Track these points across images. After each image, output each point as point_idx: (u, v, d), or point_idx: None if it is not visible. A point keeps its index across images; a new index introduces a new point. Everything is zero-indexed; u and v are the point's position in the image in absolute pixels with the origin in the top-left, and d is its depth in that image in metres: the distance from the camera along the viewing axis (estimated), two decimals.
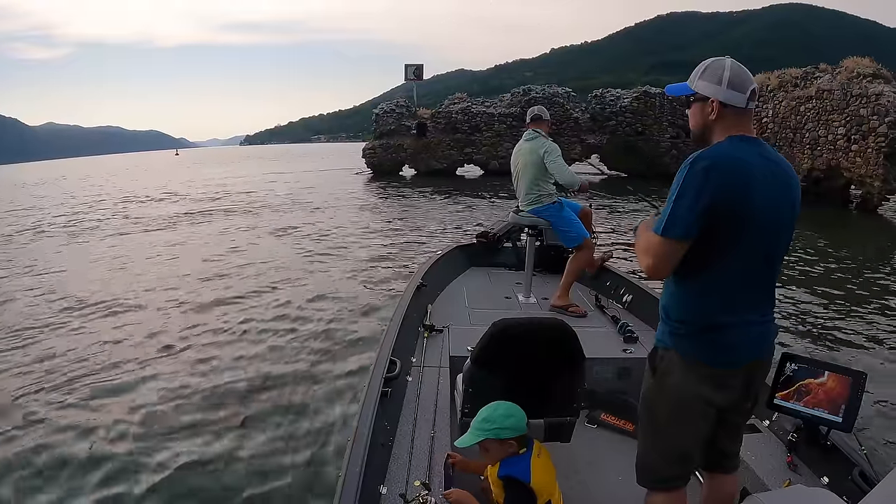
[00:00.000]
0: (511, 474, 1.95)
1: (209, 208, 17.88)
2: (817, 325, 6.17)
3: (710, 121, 1.72)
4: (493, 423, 1.95)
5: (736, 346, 1.70)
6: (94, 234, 13.67)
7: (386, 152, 28.41)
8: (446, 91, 71.03)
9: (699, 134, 1.77)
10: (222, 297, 7.48)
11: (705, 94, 1.71)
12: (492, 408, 2.00)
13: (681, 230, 1.60)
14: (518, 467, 1.95)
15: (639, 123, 26.55)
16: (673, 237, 1.61)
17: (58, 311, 7.09)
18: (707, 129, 1.74)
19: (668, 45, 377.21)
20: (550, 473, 2.01)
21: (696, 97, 1.74)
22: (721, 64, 1.71)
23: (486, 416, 1.98)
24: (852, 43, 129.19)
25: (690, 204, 1.58)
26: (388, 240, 11.71)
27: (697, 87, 1.73)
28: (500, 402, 2.03)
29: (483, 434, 1.96)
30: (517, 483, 1.93)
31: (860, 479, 2.08)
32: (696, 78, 1.74)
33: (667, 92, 1.91)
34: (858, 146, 14.51)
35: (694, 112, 1.77)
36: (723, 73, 1.69)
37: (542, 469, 1.97)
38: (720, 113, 1.70)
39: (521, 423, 1.97)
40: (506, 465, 1.97)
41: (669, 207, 1.62)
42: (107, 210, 18.94)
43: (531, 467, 1.94)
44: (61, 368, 5.20)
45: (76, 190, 30.08)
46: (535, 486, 1.92)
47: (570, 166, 4.61)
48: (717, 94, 1.69)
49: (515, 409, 2.00)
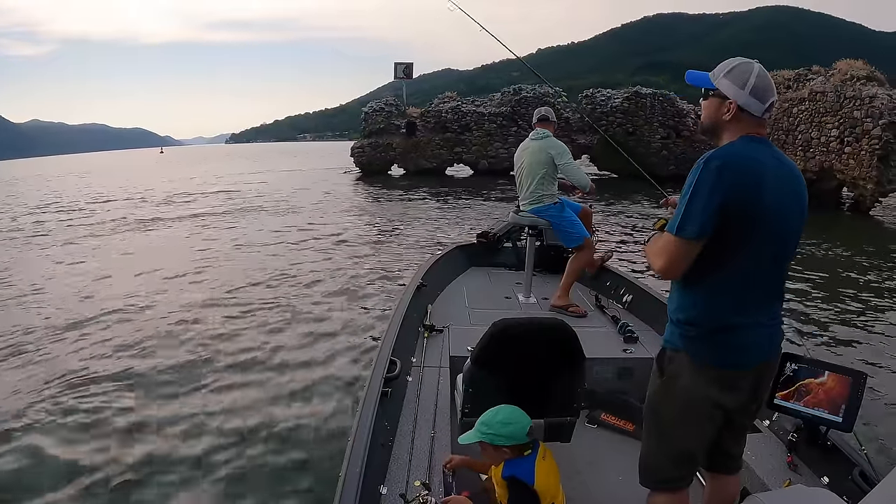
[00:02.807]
0: (515, 475, 1.94)
1: (202, 211, 17.57)
2: (817, 326, 6.22)
3: (723, 120, 1.72)
4: (490, 429, 1.95)
5: (747, 348, 1.70)
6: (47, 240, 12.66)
7: (375, 151, 28.24)
8: (433, 90, 71.01)
9: (709, 128, 1.78)
10: (220, 298, 7.42)
11: (727, 93, 1.70)
12: (493, 412, 1.99)
13: (695, 229, 1.60)
14: (522, 468, 1.94)
15: (629, 124, 26.52)
16: (687, 237, 1.61)
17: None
18: (719, 126, 1.75)
19: (655, 46, 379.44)
20: (555, 476, 2.00)
21: (716, 93, 1.74)
22: (749, 68, 1.70)
23: (485, 419, 1.98)
24: (839, 45, 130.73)
25: (704, 203, 1.58)
26: (387, 240, 11.68)
27: (720, 85, 1.72)
28: (503, 406, 2.02)
29: (479, 436, 1.97)
30: (521, 484, 1.92)
31: (860, 478, 2.10)
32: (721, 75, 1.73)
33: (687, 78, 1.86)
34: (852, 148, 14.63)
35: (709, 105, 1.77)
36: (749, 77, 1.68)
37: (547, 471, 1.97)
38: (736, 115, 1.70)
39: (518, 433, 1.95)
40: (510, 466, 1.96)
41: (683, 207, 1.62)
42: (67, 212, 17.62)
43: (535, 469, 1.93)
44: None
45: (38, 190, 28.07)
46: (539, 489, 1.91)
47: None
48: (738, 98, 1.68)
49: (517, 416, 1.98)
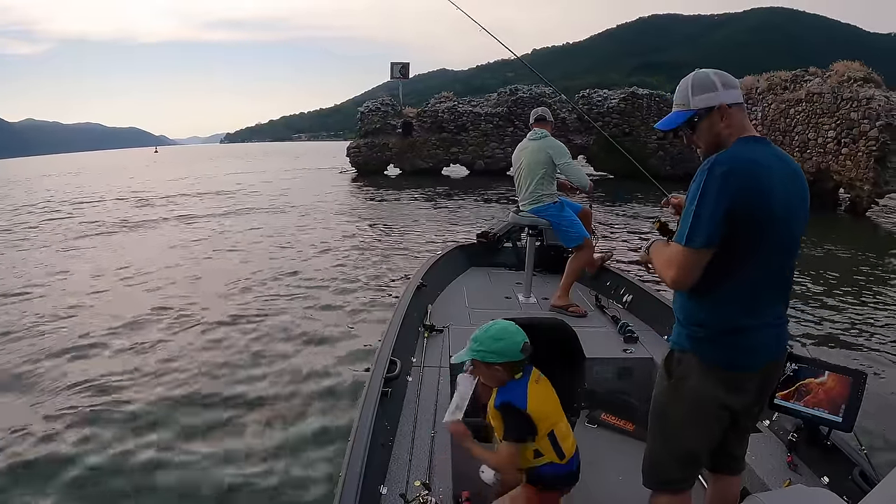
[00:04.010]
0: (506, 400, 1.86)
1: (200, 213, 17.46)
2: (816, 326, 6.25)
3: (721, 129, 1.70)
4: (480, 345, 1.87)
5: (757, 349, 1.70)
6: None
7: (371, 151, 28.20)
8: (428, 90, 70.86)
9: (713, 148, 1.72)
10: (217, 298, 7.42)
11: (709, 105, 1.69)
12: (485, 327, 1.90)
13: (703, 238, 1.58)
14: (514, 393, 1.86)
15: (626, 124, 26.52)
16: (697, 246, 1.60)
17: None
18: (720, 138, 1.71)
19: (650, 46, 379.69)
20: (551, 402, 1.93)
21: (700, 114, 1.71)
22: (703, 74, 1.72)
23: (477, 335, 1.89)
24: (834, 47, 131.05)
25: (711, 210, 1.57)
26: (386, 240, 11.68)
27: (698, 104, 1.70)
28: (497, 321, 1.93)
29: (470, 354, 1.89)
30: (513, 409, 1.84)
31: (860, 478, 2.10)
32: (692, 97, 1.71)
33: (661, 127, 1.82)
34: (849, 149, 14.65)
35: (704, 129, 1.72)
36: (712, 78, 1.69)
37: (542, 395, 1.89)
38: (729, 117, 1.68)
39: (510, 349, 1.85)
40: (501, 393, 1.89)
41: (690, 216, 1.60)
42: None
43: (528, 393, 1.85)
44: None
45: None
46: (533, 413, 1.84)
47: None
48: (722, 99, 1.68)
49: (509, 331, 1.88)
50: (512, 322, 1.94)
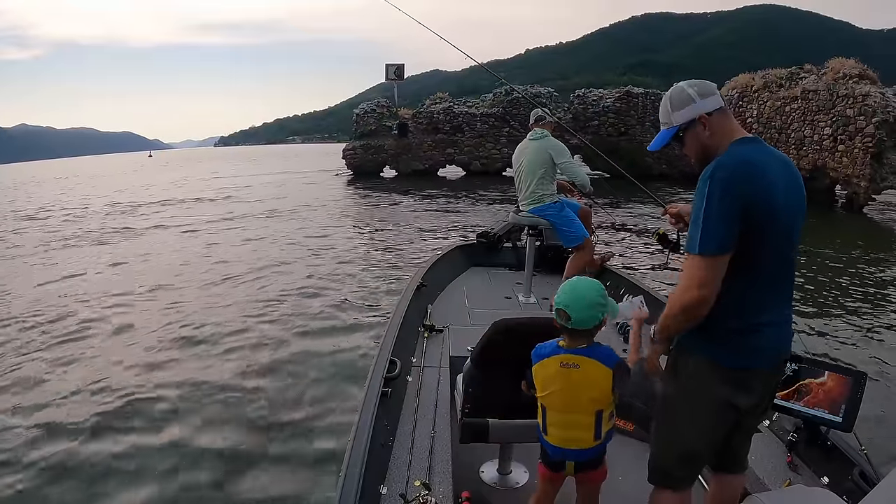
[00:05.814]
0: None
1: (196, 214, 17.47)
2: (814, 325, 6.25)
3: (706, 138, 1.74)
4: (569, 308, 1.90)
5: (763, 348, 1.72)
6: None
7: (367, 153, 28.17)
8: (422, 91, 70.86)
9: (703, 158, 1.76)
10: (216, 298, 7.43)
11: (690, 117, 1.73)
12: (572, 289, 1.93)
13: (716, 244, 1.59)
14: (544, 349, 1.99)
15: (622, 124, 26.52)
16: (711, 254, 1.59)
17: None
18: (708, 147, 1.75)
19: (644, 45, 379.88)
20: (555, 380, 1.98)
21: (683, 129, 1.76)
22: (678, 89, 1.77)
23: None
24: (827, 44, 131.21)
25: (720, 216, 1.57)
26: (384, 240, 11.68)
27: (678, 120, 1.76)
28: (581, 279, 1.97)
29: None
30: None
31: (860, 478, 2.11)
32: (672, 113, 1.77)
33: (651, 150, 1.93)
34: (845, 146, 14.72)
35: (690, 141, 1.78)
36: (687, 91, 1.74)
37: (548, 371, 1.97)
38: (712, 125, 1.72)
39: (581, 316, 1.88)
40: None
41: (700, 225, 1.60)
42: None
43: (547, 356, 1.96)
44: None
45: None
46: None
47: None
48: (700, 109, 1.72)
49: (591, 299, 1.89)
50: (593, 282, 1.97)
